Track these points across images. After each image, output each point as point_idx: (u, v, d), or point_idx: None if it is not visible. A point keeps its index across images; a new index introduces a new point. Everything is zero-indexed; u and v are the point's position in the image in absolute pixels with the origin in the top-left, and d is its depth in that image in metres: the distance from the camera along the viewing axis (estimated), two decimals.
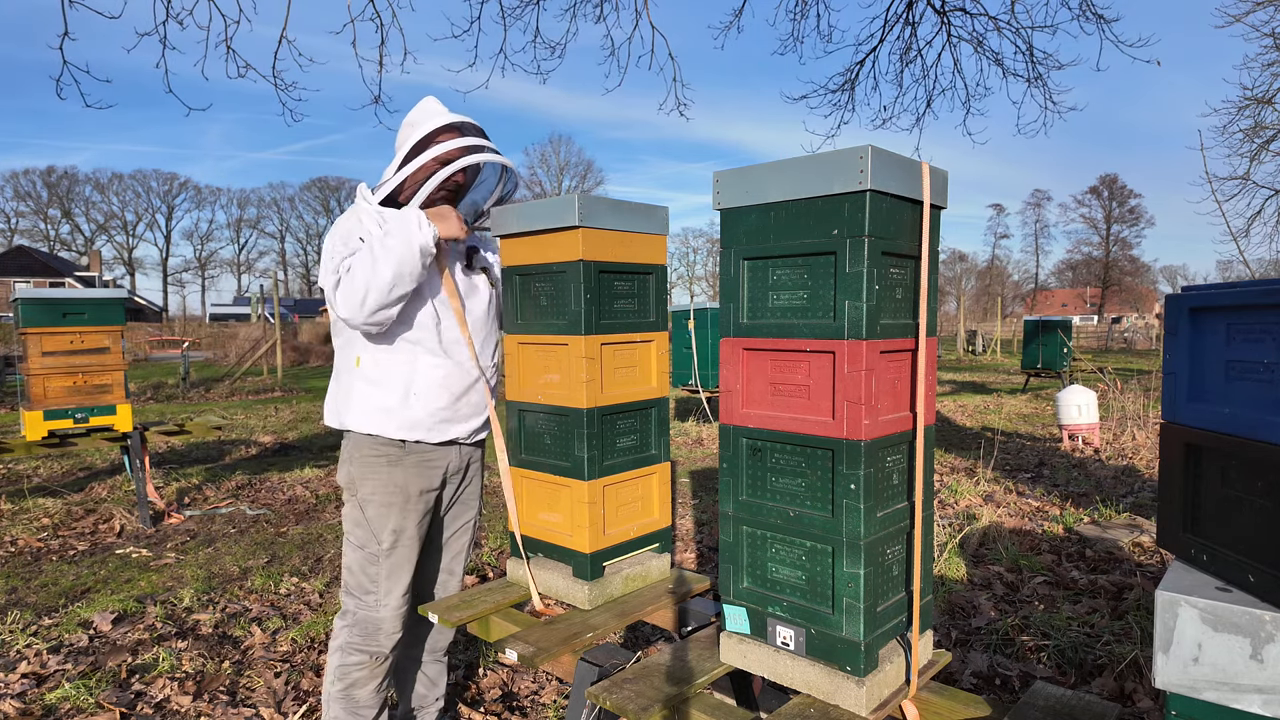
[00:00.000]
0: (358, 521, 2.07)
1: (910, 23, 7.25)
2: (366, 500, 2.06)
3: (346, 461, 2.09)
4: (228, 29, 4.80)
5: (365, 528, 2.06)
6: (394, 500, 2.06)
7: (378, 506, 2.05)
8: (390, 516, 2.06)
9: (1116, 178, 61.37)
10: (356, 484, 2.07)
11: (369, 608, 2.08)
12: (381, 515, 2.05)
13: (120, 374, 5.08)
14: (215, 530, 4.95)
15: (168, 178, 64.03)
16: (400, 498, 2.06)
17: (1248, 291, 1.13)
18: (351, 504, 2.09)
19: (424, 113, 2.06)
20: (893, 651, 1.51)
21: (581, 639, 1.84)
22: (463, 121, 2.05)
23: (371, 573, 2.07)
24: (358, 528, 2.07)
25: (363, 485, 2.06)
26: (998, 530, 4.38)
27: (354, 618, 2.09)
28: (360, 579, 2.08)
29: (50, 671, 2.94)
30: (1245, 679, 1.04)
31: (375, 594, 2.08)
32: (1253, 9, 9.10)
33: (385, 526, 2.06)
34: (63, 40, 4.19)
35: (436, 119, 2.02)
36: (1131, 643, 2.89)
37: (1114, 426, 7.78)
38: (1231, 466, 1.16)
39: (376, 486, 2.05)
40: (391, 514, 2.06)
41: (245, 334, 21.83)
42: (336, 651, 2.11)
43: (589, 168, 62.06)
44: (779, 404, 1.51)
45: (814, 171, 1.39)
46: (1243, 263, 12.20)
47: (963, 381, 16.19)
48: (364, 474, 2.05)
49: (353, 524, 2.09)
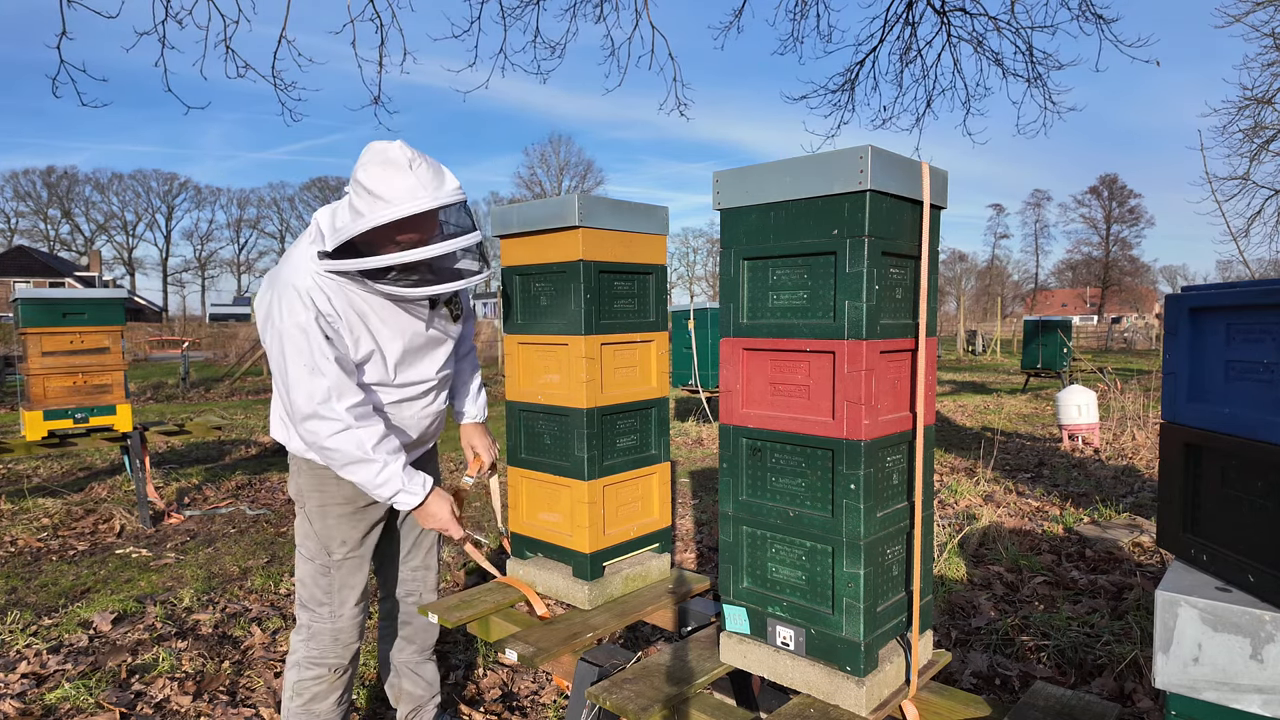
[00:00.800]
0: (307, 534, 2.04)
1: (910, 23, 7.25)
2: (315, 513, 2.02)
3: (295, 474, 2.06)
4: (227, 28, 4.80)
5: (315, 540, 2.03)
6: (343, 511, 2.02)
7: (326, 518, 2.02)
8: (339, 527, 2.02)
9: (1116, 178, 61.41)
10: (305, 496, 2.03)
11: (323, 619, 2.05)
12: (330, 527, 2.02)
13: (120, 374, 5.08)
14: (215, 530, 4.95)
15: (168, 178, 64.05)
16: (349, 508, 2.03)
17: (1248, 291, 1.13)
18: (301, 516, 2.06)
19: (388, 186, 1.68)
20: (893, 651, 1.51)
21: (581, 639, 1.84)
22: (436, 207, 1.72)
23: (324, 584, 2.04)
24: (308, 540, 2.04)
25: (310, 497, 2.02)
26: (998, 530, 4.38)
27: (309, 631, 2.06)
28: (313, 591, 2.05)
29: (50, 671, 2.94)
30: (1245, 679, 1.04)
31: (329, 605, 2.05)
32: (1253, 9, 9.10)
33: (334, 537, 2.03)
34: (60, 40, 4.19)
35: (402, 205, 1.68)
36: (1131, 643, 2.89)
37: (1114, 426, 7.78)
38: (1231, 466, 1.16)
39: (324, 499, 2.01)
40: (341, 524, 2.03)
41: (245, 334, 21.83)
42: (294, 667, 2.07)
43: (589, 168, 62.07)
44: (779, 404, 1.51)
45: (814, 171, 1.39)
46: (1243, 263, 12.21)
47: (963, 381, 16.19)
48: (311, 486, 2.01)
49: (303, 536, 2.06)
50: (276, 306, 1.82)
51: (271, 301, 1.84)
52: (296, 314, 1.78)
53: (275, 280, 1.86)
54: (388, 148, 1.72)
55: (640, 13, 6.47)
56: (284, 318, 1.79)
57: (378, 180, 1.68)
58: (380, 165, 1.69)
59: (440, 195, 1.72)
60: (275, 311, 1.82)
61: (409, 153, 1.72)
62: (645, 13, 6.46)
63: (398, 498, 1.89)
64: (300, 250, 1.86)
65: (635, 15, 6.48)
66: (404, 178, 1.69)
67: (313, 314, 1.78)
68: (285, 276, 1.83)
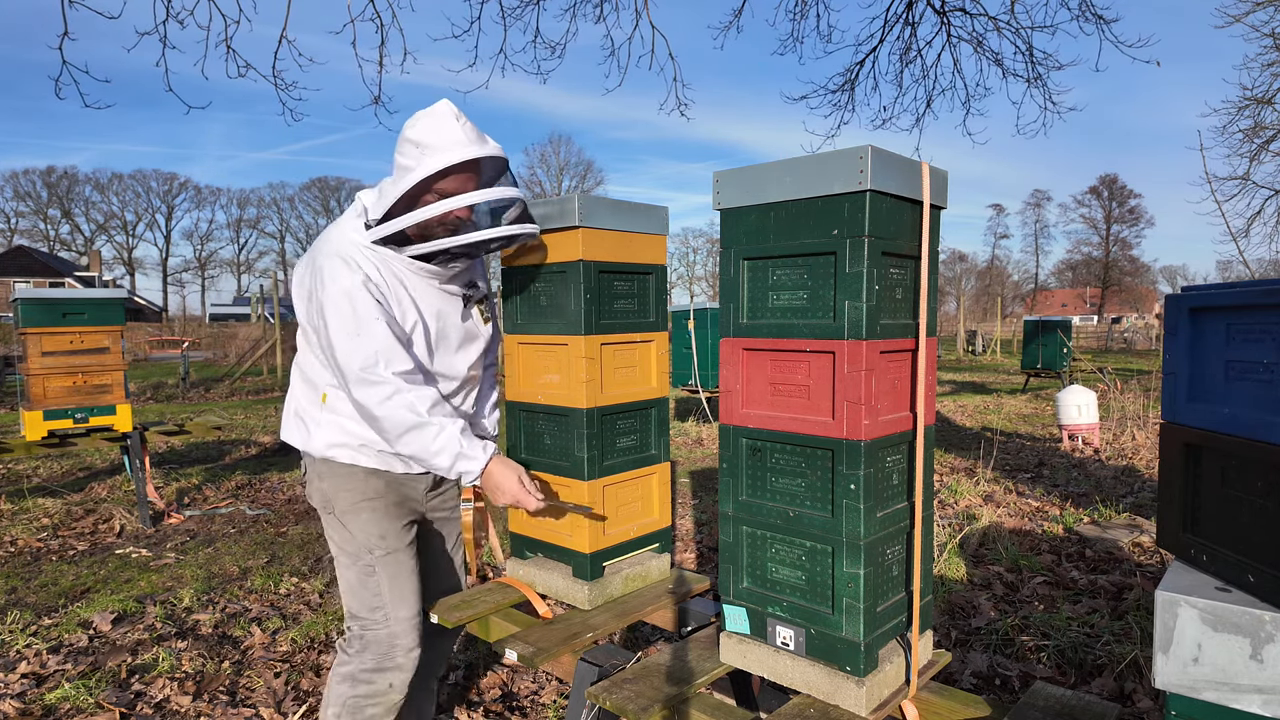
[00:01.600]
0: (344, 539, 1.92)
1: (910, 23, 7.25)
2: (347, 513, 1.91)
3: (316, 479, 1.94)
4: (228, 29, 4.80)
5: (352, 541, 1.91)
6: (376, 506, 1.92)
7: (360, 516, 1.91)
8: (375, 522, 1.92)
9: (1116, 178, 61.41)
10: (332, 499, 1.91)
11: (379, 624, 1.91)
12: (366, 523, 1.91)
13: (120, 374, 5.08)
14: (215, 530, 4.95)
15: (167, 178, 64.05)
16: (381, 503, 1.93)
17: (1248, 291, 1.13)
18: (331, 522, 1.94)
19: (437, 134, 1.69)
20: (893, 651, 1.51)
21: (581, 639, 1.84)
22: (483, 157, 1.73)
23: (371, 586, 1.90)
24: (346, 544, 1.92)
25: (340, 498, 1.91)
26: (997, 530, 4.38)
27: (363, 642, 1.91)
28: (362, 595, 1.91)
29: (50, 671, 2.94)
30: (1245, 679, 1.04)
31: (381, 608, 1.91)
32: (1253, 9, 9.11)
33: (372, 533, 1.91)
34: (62, 40, 4.19)
35: (450, 152, 1.68)
36: (1131, 643, 2.89)
37: (1114, 426, 7.78)
38: (1231, 466, 1.16)
39: (354, 496, 1.90)
40: (376, 519, 1.92)
41: (245, 334, 21.84)
42: (345, 681, 1.91)
43: (589, 168, 62.06)
44: (779, 404, 1.51)
45: (814, 171, 1.39)
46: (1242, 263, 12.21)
47: (963, 381, 16.19)
48: (339, 486, 1.90)
49: (340, 543, 1.93)
50: (318, 278, 1.75)
51: (313, 275, 1.78)
52: (340, 279, 1.72)
53: (315, 256, 1.80)
54: (433, 107, 1.73)
55: (640, 13, 6.47)
56: (327, 285, 1.73)
57: (425, 131, 1.68)
58: (427, 118, 1.71)
59: (487, 147, 1.73)
60: (317, 283, 1.76)
61: (454, 108, 1.73)
62: (645, 13, 6.46)
63: (457, 465, 1.78)
64: (341, 225, 1.82)
65: (635, 15, 6.48)
66: (452, 128, 1.69)
67: (360, 277, 1.73)
68: (326, 249, 1.78)
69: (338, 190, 69.77)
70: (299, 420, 1.94)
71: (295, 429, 1.95)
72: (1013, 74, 7.18)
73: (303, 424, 1.92)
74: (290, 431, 1.97)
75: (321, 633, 3.25)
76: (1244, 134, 10.37)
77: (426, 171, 1.67)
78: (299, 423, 1.94)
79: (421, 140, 1.68)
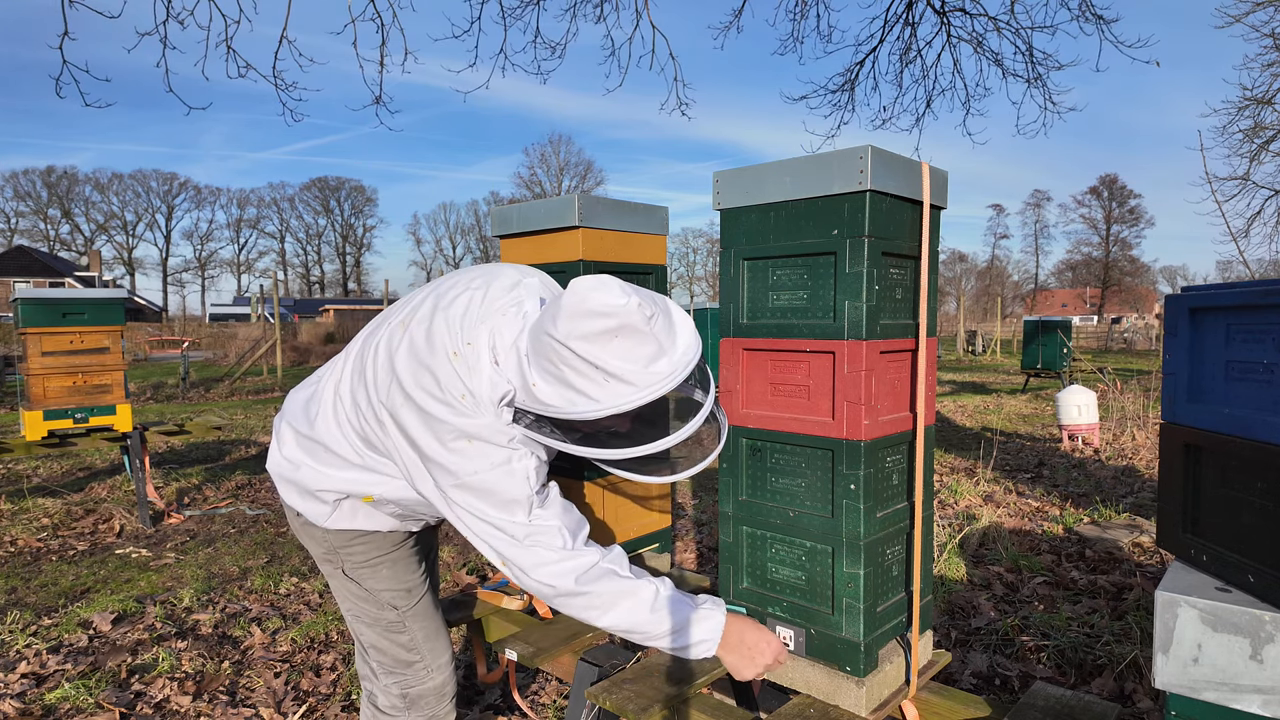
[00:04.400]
0: (360, 597, 1.67)
1: (910, 23, 7.25)
2: (361, 568, 1.65)
3: (313, 542, 1.67)
4: (228, 29, 4.80)
5: (372, 599, 1.66)
6: (396, 557, 1.68)
7: (378, 572, 1.66)
8: (397, 576, 1.68)
9: (1116, 178, 61.44)
10: (341, 556, 1.65)
11: (420, 677, 1.70)
12: (385, 579, 1.66)
13: (120, 374, 5.08)
14: (215, 530, 4.95)
15: (168, 178, 64.09)
16: (402, 551, 1.70)
17: (1248, 292, 1.13)
18: (341, 581, 1.67)
19: (629, 360, 1.25)
20: (893, 651, 1.51)
21: (581, 639, 1.84)
22: (683, 381, 1.32)
23: (404, 641, 1.69)
24: (363, 604, 1.67)
25: (349, 556, 1.64)
26: (997, 530, 4.38)
27: (407, 699, 1.71)
28: (395, 653, 1.69)
29: (50, 671, 2.94)
30: (1245, 679, 1.04)
31: (420, 660, 1.70)
32: (1253, 9, 9.11)
33: (397, 589, 1.67)
34: (62, 40, 4.19)
35: (649, 390, 1.27)
36: (1131, 643, 2.89)
37: (1114, 427, 7.78)
38: (1231, 466, 1.16)
39: (372, 552, 1.65)
40: (398, 572, 1.68)
41: (245, 334, 21.84)
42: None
43: (589, 168, 62.15)
44: (779, 404, 1.51)
45: (814, 172, 1.39)
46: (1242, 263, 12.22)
47: (963, 381, 16.19)
48: (347, 543, 1.64)
49: (354, 602, 1.68)
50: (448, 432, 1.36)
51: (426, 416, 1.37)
52: (494, 456, 1.37)
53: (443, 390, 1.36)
54: (611, 301, 1.23)
55: (640, 13, 6.47)
56: (474, 462, 1.37)
57: (611, 356, 1.25)
58: (609, 335, 1.24)
59: (682, 355, 1.32)
60: (449, 437, 1.36)
61: (644, 309, 1.25)
62: (645, 13, 6.46)
63: (692, 632, 1.42)
64: (478, 365, 1.37)
65: (635, 15, 6.48)
66: (646, 346, 1.26)
67: (531, 464, 1.40)
68: (458, 409, 1.35)
69: (338, 190, 69.83)
70: (313, 500, 1.61)
71: (306, 504, 1.62)
72: (1013, 74, 7.19)
73: (317, 501, 1.60)
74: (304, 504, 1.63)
75: (321, 633, 3.25)
76: (1244, 134, 10.39)
77: (619, 409, 1.27)
78: (313, 502, 1.61)
79: (609, 368, 1.25)
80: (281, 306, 38.62)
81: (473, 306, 1.42)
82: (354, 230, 71.54)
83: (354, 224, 71.46)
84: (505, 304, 1.43)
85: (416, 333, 1.42)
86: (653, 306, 1.28)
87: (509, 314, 1.41)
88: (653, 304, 1.29)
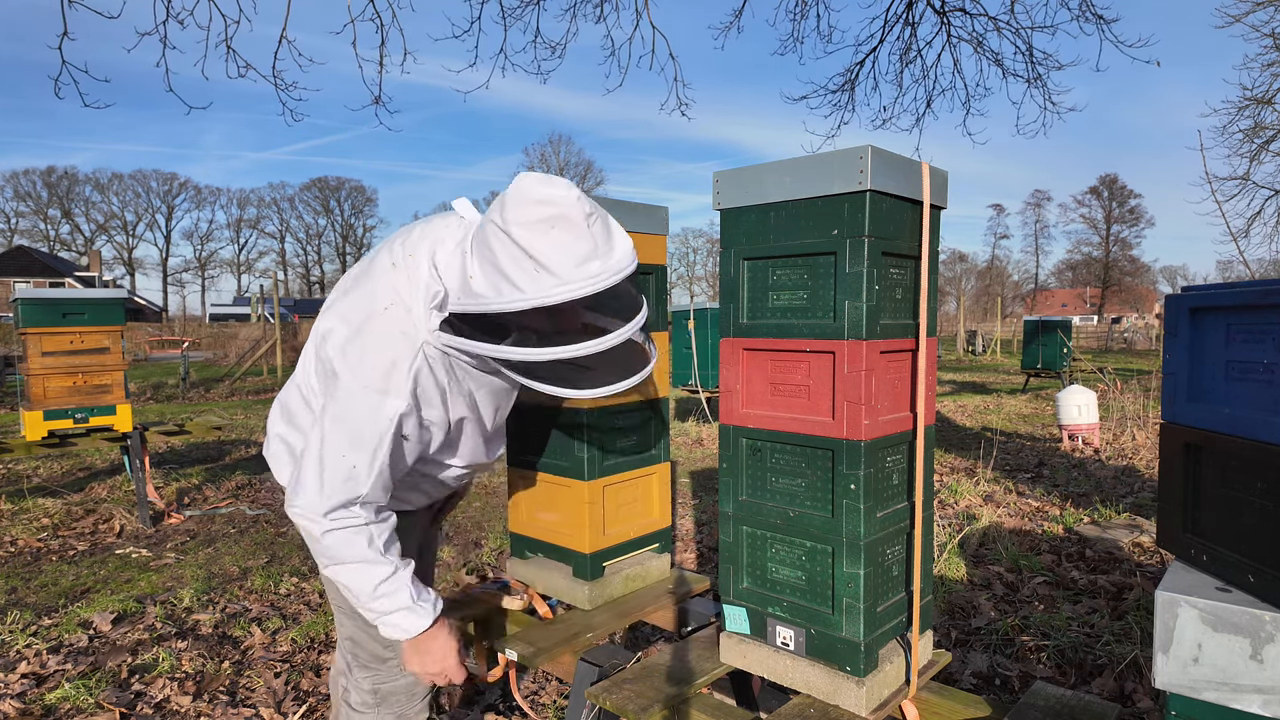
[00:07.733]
0: None
1: (910, 23, 7.25)
2: None
3: None
4: (228, 29, 4.80)
5: None
6: None
7: None
8: None
9: (1116, 178, 61.45)
10: None
11: (394, 675, 1.71)
12: None
13: (120, 374, 5.08)
14: (215, 530, 4.95)
15: (168, 178, 64.09)
16: None
17: (1248, 292, 1.13)
18: None
19: (562, 253, 1.27)
20: (893, 651, 1.51)
21: (581, 639, 1.84)
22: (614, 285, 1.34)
23: (380, 636, 1.66)
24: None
25: None
26: (998, 530, 4.38)
27: (378, 695, 1.72)
28: (372, 647, 1.70)
29: (50, 671, 2.94)
30: (1245, 679, 1.04)
31: (395, 656, 1.70)
32: (1253, 9, 9.11)
33: None
34: (62, 40, 4.19)
35: (580, 285, 1.28)
36: (1131, 643, 2.89)
37: (1114, 426, 7.78)
38: (1231, 466, 1.16)
39: None
40: None
41: (245, 334, 21.84)
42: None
43: (589, 168, 62.12)
44: (779, 404, 1.51)
45: (814, 172, 1.39)
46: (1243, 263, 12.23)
47: (963, 381, 16.19)
48: None
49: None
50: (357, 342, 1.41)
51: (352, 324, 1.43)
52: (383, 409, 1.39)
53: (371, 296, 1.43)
54: (553, 192, 1.27)
55: (640, 13, 6.47)
56: (361, 371, 1.39)
57: (546, 245, 1.26)
58: (547, 224, 1.26)
59: (617, 261, 1.33)
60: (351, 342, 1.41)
61: (584, 204, 1.30)
62: (645, 13, 6.46)
63: (395, 616, 1.48)
64: (415, 274, 1.42)
65: (635, 15, 6.48)
66: (581, 242, 1.28)
67: (401, 406, 1.40)
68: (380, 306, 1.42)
69: (338, 190, 69.81)
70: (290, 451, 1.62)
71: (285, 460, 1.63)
72: (1013, 74, 7.19)
73: (294, 458, 1.59)
74: (280, 464, 1.64)
75: (321, 633, 3.25)
76: (1244, 134, 10.39)
77: (545, 301, 1.27)
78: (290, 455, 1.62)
79: (540, 257, 1.26)
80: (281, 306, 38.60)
81: (415, 229, 1.51)
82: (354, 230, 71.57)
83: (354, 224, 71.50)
84: (446, 221, 1.52)
85: (356, 269, 1.55)
86: (595, 210, 1.32)
87: (451, 224, 1.49)
88: (596, 209, 1.33)
